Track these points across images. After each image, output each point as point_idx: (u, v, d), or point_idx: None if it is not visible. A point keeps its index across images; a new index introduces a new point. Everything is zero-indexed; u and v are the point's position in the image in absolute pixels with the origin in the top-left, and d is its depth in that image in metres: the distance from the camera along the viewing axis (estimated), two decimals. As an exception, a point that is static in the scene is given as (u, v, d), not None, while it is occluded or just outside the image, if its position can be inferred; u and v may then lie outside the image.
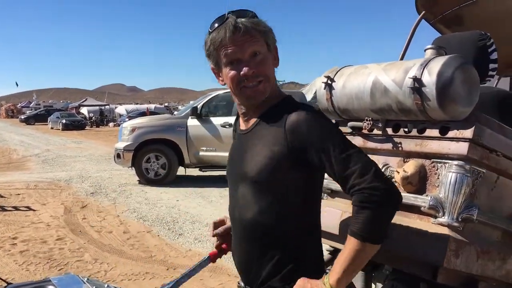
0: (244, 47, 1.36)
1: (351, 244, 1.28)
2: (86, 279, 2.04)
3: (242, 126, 1.53)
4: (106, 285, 2.11)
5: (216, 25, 1.39)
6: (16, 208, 7.99)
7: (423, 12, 2.68)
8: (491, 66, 2.05)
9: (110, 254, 5.71)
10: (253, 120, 1.48)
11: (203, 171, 10.74)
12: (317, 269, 1.45)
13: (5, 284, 1.92)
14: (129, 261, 5.46)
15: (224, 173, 1.65)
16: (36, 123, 43.05)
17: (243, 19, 1.37)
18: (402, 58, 2.66)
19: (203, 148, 10.35)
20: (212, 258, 1.86)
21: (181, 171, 10.96)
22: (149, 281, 4.79)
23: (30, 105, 65.84)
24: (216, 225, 1.77)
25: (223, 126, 10.08)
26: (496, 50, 2.04)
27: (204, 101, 10.85)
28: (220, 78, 1.49)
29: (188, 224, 7.07)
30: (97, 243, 6.16)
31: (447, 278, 1.66)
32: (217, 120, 10.36)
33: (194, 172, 11.27)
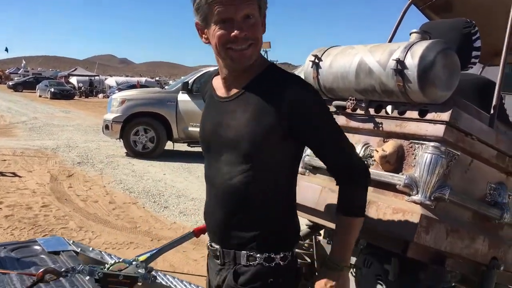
0: (240, 7, 1.30)
1: (348, 222, 1.41)
2: (71, 241, 2.11)
3: (222, 92, 1.47)
4: (90, 249, 2.17)
5: None
6: (2, 174, 7.95)
7: (413, -3, 2.71)
8: (474, 53, 2.11)
9: (95, 223, 5.75)
10: (236, 87, 1.43)
11: (191, 147, 10.77)
12: (294, 241, 1.50)
13: None
14: (114, 230, 5.52)
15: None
16: (24, 90, 42.42)
17: None
18: (390, 41, 2.71)
19: (192, 123, 10.33)
20: (197, 233, 1.91)
21: (169, 145, 10.97)
22: (133, 250, 4.86)
23: (19, 72, 64.75)
24: None
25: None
26: (480, 38, 2.10)
27: (196, 76, 10.79)
28: (204, 36, 1.42)
29: (173, 197, 7.13)
30: (82, 211, 6.20)
31: (416, 253, 1.74)
32: (207, 96, 10.35)
33: (182, 147, 11.29)
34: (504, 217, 1.94)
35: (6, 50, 71.71)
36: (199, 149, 10.85)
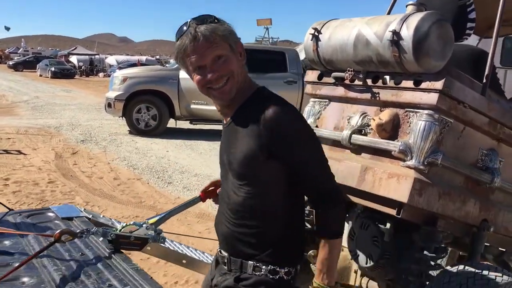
0: (205, 54, 1.43)
1: (331, 244, 1.49)
2: (83, 209, 2.21)
3: (224, 120, 1.62)
4: (101, 216, 2.27)
5: (179, 34, 1.46)
6: (7, 152, 8.07)
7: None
8: (469, 25, 2.18)
9: (100, 198, 5.89)
10: (229, 115, 1.57)
11: (194, 124, 10.85)
12: (299, 258, 1.60)
13: (7, 210, 2.05)
14: (119, 205, 5.66)
15: (214, 126, 1.78)
16: (24, 70, 42.29)
17: (202, 27, 1.42)
18: (389, 14, 2.76)
19: (194, 101, 10.40)
20: (203, 198, 2.02)
21: (171, 123, 11.06)
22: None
23: (19, 51, 64.36)
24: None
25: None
26: (475, 10, 2.16)
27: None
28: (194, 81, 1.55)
29: (177, 173, 7.26)
30: (88, 187, 6.33)
31: (410, 215, 1.85)
32: (209, 74, 10.37)
33: (185, 124, 11.38)
34: (494, 182, 2.03)
35: (7, 28, 70.97)
36: (201, 126, 10.98)
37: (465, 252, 2.18)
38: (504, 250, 2.45)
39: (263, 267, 1.50)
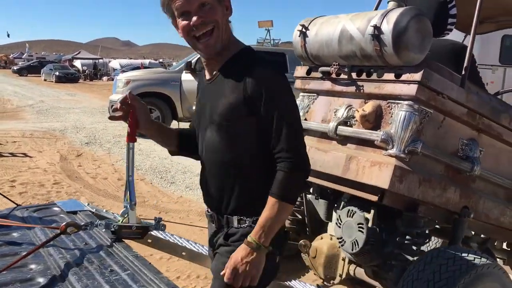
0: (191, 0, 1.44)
1: (278, 205, 1.45)
2: (87, 203, 2.30)
3: (207, 75, 1.61)
4: (104, 210, 2.36)
5: None
6: (13, 154, 8.17)
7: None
8: (450, 20, 2.27)
9: (105, 198, 5.98)
10: (213, 70, 1.56)
11: (196, 125, 10.93)
12: None
13: (15, 205, 2.14)
14: (123, 205, 5.76)
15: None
16: (29, 75, 42.52)
17: None
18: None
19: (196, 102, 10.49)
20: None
21: (173, 125, 11.15)
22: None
23: (23, 56, 64.68)
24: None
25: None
26: (455, 6, 2.25)
27: (199, 56, 10.87)
28: (179, 31, 1.54)
29: (179, 173, 7.35)
30: (92, 188, 6.43)
31: (392, 201, 1.94)
32: (211, 75, 10.46)
33: (187, 126, 11.45)
34: (474, 170, 2.12)
35: (8, 35, 71.46)
36: (203, 127, 11.04)
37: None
38: (488, 238, 2.53)
39: (247, 219, 1.54)
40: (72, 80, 34.49)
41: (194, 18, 1.45)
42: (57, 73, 34.55)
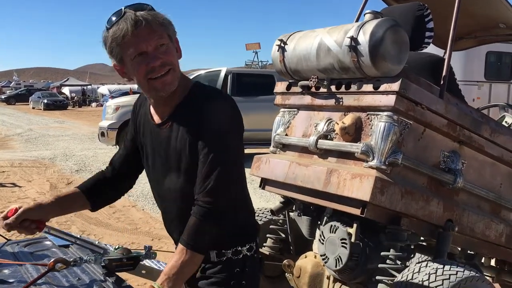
0: (148, 40, 1.36)
1: (192, 256, 1.38)
2: (79, 235, 2.24)
3: (156, 119, 1.52)
4: (96, 241, 2.31)
5: (114, 19, 1.38)
6: (1, 185, 7.99)
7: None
8: (427, 34, 2.27)
9: (96, 226, 5.87)
10: (166, 113, 1.48)
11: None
12: (256, 233, 1.61)
13: (5, 240, 2.08)
14: (116, 232, 5.63)
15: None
16: (17, 103, 42.39)
17: (142, 12, 1.36)
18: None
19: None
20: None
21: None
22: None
23: (10, 85, 64.57)
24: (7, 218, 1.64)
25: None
26: (432, 20, 2.26)
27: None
28: (125, 74, 1.46)
29: (173, 200, 7.27)
30: (83, 216, 6.29)
31: (374, 214, 1.90)
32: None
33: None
34: (457, 182, 2.09)
35: None
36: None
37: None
38: (475, 253, 2.49)
39: (226, 251, 1.50)
40: (61, 107, 34.41)
41: (153, 61, 1.37)
42: (45, 101, 34.47)
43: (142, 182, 7.14)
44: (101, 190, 1.68)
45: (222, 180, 1.39)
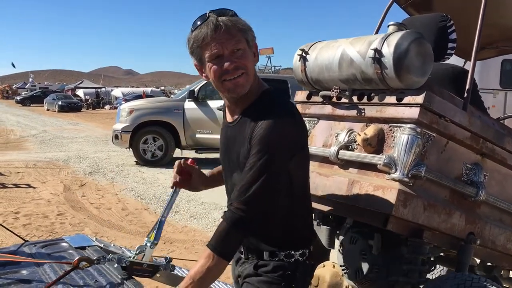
0: (225, 44, 1.45)
1: (217, 261, 1.42)
2: (94, 238, 2.27)
3: (229, 118, 1.64)
4: (112, 245, 2.34)
5: (198, 23, 1.48)
6: (16, 186, 8.13)
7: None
8: (450, 45, 2.26)
9: (109, 228, 5.93)
10: (236, 113, 1.59)
11: (199, 153, 10.94)
12: (311, 239, 1.67)
13: (23, 241, 2.11)
14: (128, 235, 5.68)
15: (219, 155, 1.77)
16: (31, 105, 42.92)
17: (223, 18, 1.46)
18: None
19: (199, 130, 10.55)
20: (178, 186, 1.89)
21: (177, 153, 11.15)
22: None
23: (26, 87, 65.35)
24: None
25: (219, 109, 10.24)
26: (455, 31, 2.25)
27: (201, 84, 10.99)
28: (203, 74, 1.57)
29: (184, 202, 7.27)
30: (96, 218, 6.36)
31: (396, 227, 1.89)
32: (213, 103, 10.49)
33: (190, 154, 11.48)
34: (479, 195, 2.07)
35: (13, 65, 72.60)
36: (207, 155, 11.10)
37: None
38: (494, 266, 2.46)
39: (279, 252, 1.55)
40: (75, 109, 34.79)
41: (227, 64, 1.47)
42: (59, 103, 34.89)
43: (155, 185, 7.29)
44: None
45: (257, 191, 1.44)
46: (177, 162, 1.85)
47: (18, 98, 47.47)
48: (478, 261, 2.53)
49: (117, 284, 1.61)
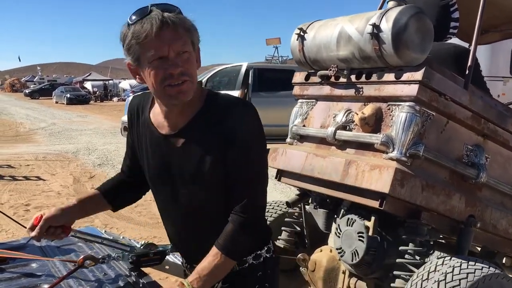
0: (171, 44, 1.27)
1: (225, 261, 1.35)
2: (104, 230, 2.26)
3: (164, 129, 1.44)
4: (121, 237, 2.33)
5: (138, 16, 1.29)
6: (26, 178, 8.15)
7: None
8: (452, 24, 2.20)
9: (119, 220, 5.92)
10: (180, 123, 1.40)
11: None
12: (270, 234, 1.58)
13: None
14: (137, 226, 5.67)
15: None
16: (40, 98, 43.11)
17: (169, 14, 1.27)
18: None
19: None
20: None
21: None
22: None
23: (34, 80, 65.65)
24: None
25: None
26: (458, 9, 2.19)
27: (209, 75, 10.89)
28: (137, 76, 1.38)
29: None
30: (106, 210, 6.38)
31: (393, 207, 1.84)
32: (221, 94, 10.46)
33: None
34: (480, 177, 2.02)
35: (19, 59, 73.08)
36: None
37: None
38: (496, 252, 2.41)
39: (246, 258, 1.47)
40: (83, 101, 34.89)
41: (173, 67, 1.28)
42: (68, 95, 35.00)
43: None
44: (120, 193, 1.67)
45: (259, 191, 1.39)
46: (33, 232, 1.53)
47: (27, 91, 47.70)
48: (479, 249, 2.48)
49: (125, 276, 1.62)
